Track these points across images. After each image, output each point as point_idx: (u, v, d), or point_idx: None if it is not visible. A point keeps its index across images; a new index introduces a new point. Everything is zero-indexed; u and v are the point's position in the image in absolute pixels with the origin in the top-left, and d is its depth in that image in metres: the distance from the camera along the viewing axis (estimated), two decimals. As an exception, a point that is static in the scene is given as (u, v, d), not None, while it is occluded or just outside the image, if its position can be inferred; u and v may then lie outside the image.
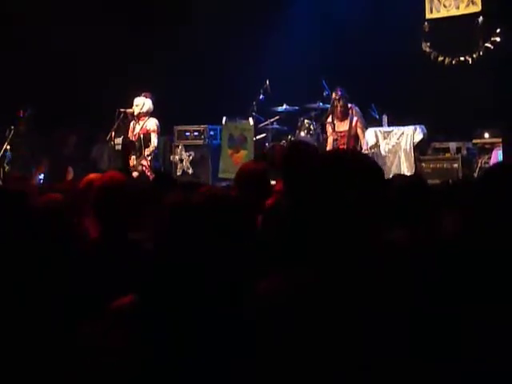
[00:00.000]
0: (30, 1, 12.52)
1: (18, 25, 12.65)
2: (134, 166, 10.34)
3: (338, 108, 10.29)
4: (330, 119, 10.56)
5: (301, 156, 4.58)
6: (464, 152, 10.74)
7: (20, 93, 12.41)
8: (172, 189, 4.46)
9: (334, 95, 10.40)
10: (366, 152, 10.25)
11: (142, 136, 10.37)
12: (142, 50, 12.86)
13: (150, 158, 10.36)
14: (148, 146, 10.30)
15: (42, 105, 12.37)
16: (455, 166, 10.58)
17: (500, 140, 10.26)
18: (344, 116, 10.32)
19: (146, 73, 12.05)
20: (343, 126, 10.34)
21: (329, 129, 10.53)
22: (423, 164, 10.85)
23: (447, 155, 10.79)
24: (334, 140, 10.41)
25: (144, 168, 10.27)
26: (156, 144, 10.39)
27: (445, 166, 10.66)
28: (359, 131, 10.34)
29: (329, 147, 10.36)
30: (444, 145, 10.87)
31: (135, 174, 10.22)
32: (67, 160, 12.70)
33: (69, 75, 12.85)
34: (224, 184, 9.71)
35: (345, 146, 10.22)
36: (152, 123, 10.40)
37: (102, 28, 12.61)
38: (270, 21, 12.51)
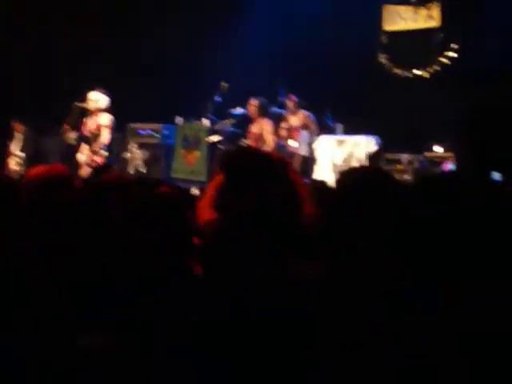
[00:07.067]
0: None
1: None
2: (87, 161, 10.18)
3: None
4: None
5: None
6: (416, 164, 10.82)
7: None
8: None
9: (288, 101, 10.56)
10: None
11: (95, 131, 10.21)
12: (101, 48, 12.76)
13: (102, 153, 10.20)
14: (101, 141, 10.16)
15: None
16: (407, 177, 10.66)
17: (451, 154, 10.40)
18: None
19: (102, 70, 11.90)
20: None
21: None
22: (375, 174, 10.92)
23: (399, 167, 10.85)
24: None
25: (96, 164, 10.10)
26: (108, 140, 10.23)
27: (396, 177, 10.72)
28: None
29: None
30: (396, 156, 10.93)
31: (88, 169, 10.06)
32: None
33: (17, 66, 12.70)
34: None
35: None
36: (106, 119, 10.22)
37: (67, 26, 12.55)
38: (230, 23, 12.46)
